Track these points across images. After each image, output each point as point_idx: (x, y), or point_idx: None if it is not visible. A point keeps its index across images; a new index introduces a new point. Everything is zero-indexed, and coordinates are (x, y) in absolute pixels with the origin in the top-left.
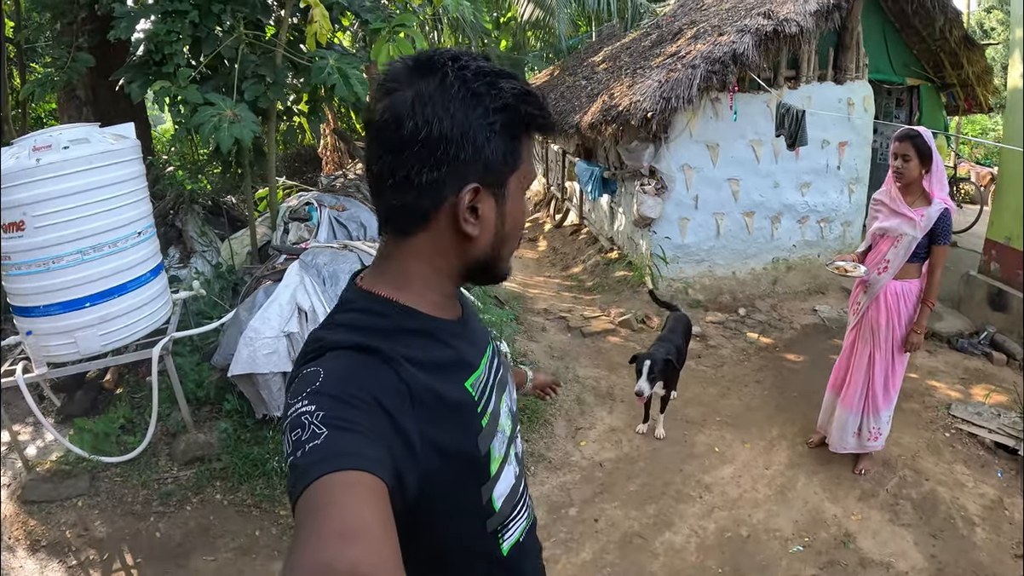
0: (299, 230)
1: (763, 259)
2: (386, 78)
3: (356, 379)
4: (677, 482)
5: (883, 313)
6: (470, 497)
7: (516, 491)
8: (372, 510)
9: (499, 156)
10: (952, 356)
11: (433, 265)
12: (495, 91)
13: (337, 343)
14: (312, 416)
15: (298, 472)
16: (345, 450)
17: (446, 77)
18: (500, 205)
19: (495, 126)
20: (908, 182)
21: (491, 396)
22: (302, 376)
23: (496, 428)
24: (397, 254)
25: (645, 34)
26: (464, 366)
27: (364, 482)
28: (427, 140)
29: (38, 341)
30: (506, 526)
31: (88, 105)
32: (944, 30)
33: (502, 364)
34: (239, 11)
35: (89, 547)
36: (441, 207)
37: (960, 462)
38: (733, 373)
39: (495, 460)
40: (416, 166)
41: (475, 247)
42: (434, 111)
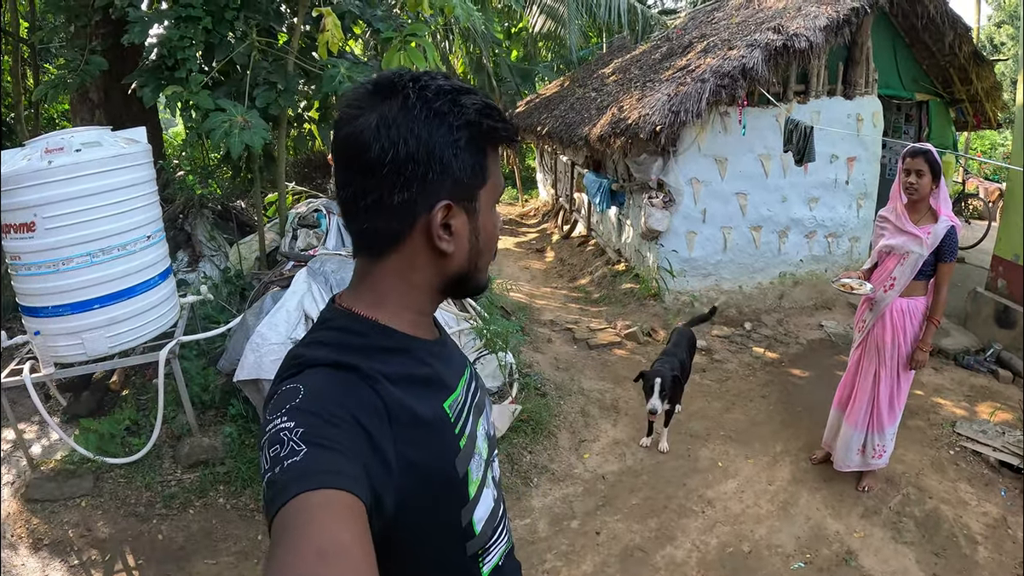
0: (308, 237)
1: (770, 273)
2: (348, 104)
3: (335, 397)
4: (680, 496)
5: (889, 331)
6: (449, 520)
7: (495, 515)
8: (350, 530)
9: (467, 171)
10: (958, 373)
11: (410, 283)
12: (457, 108)
13: (316, 360)
14: (291, 433)
15: (276, 489)
16: (324, 468)
17: (408, 99)
18: (472, 220)
19: (460, 142)
20: (920, 198)
21: (468, 418)
22: (281, 392)
23: (473, 450)
24: (373, 273)
25: (655, 47)
26: (442, 387)
27: (343, 501)
28: (394, 162)
29: (46, 341)
30: (487, 550)
31: (100, 108)
32: (954, 45)
33: (479, 388)
34: (252, 18)
35: (91, 547)
36: (414, 226)
37: (964, 480)
38: (738, 387)
39: (473, 483)
40: (386, 189)
41: (451, 263)
42: (399, 133)
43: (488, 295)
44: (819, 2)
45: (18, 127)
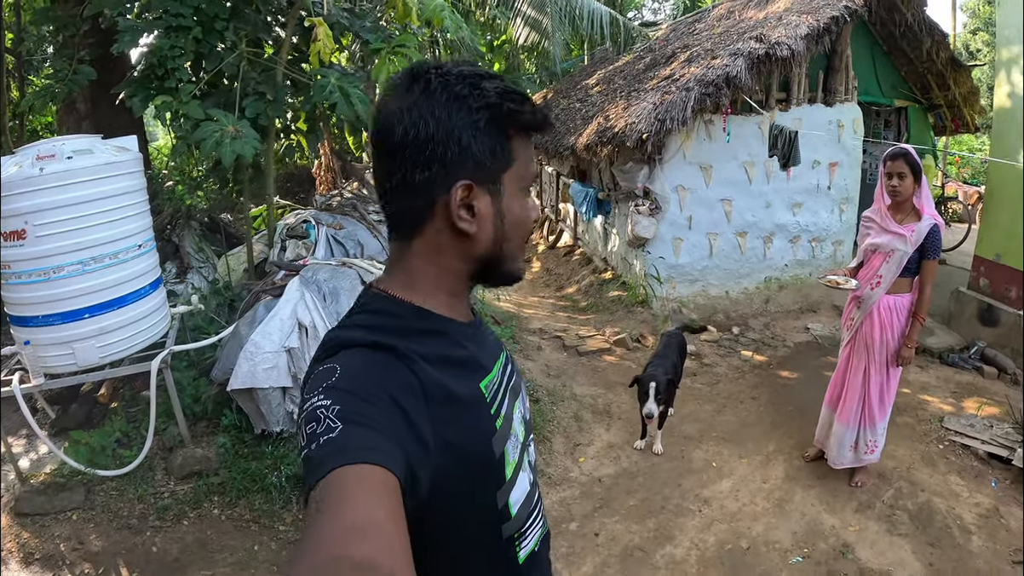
0: (296, 248)
1: (756, 278)
2: (384, 91)
3: (371, 376)
4: (676, 496)
5: (877, 327)
6: (485, 501)
7: (531, 499)
8: (384, 505)
9: (488, 153)
10: (943, 371)
11: (439, 265)
12: (477, 91)
13: (352, 341)
14: (327, 410)
15: (312, 464)
16: (359, 444)
17: (430, 83)
18: (496, 202)
19: (480, 124)
20: (903, 199)
21: (504, 400)
22: (318, 372)
23: (509, 432)
24: (405, 256)
25: (638, 58)
26: (477, 367)
27: (377, 476)
28: (415, 142)
29: (36, 351)
30: (523, 534)
31: (87, 119)
32: (931, 52)
33: (515, 372)
34: (241, 28)
35: (84, 561)
36: (435, 206)
37: (954, 473)
38: (728, 390)
39: (509, 464)
40: (408, 168)
41: (475, 245)
42: (420, 114)
43: (478, 303)
44: (800, 11)
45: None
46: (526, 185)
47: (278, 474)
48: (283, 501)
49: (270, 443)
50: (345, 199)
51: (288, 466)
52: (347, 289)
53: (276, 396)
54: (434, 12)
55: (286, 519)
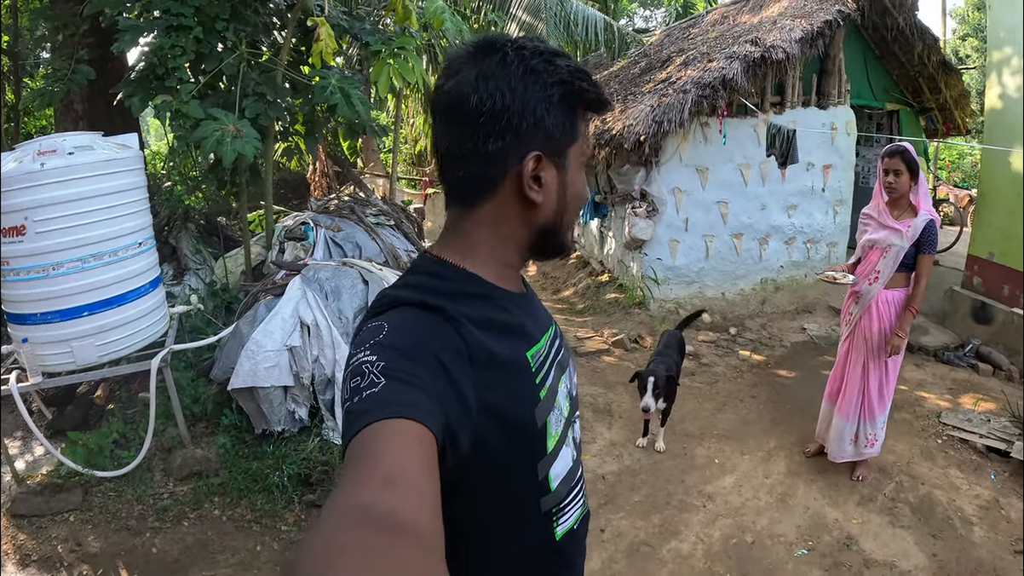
0: (295, 250)
1: (752, 280)
2: (449, 63)
3: (418, 334)
4: (680, 493)
5: (875, 321)
6: (525, 470)
7: (573, 475)
8: (418, 459)
9: (558, 127)
10: (939, 368)
11: (499, 233)
12: (552, 67)
13: (402, 299)
14: (372, 366)
15: (352, 417)
16: (400, 400)
17: (506, 56)
18: (561, 174)
19: (553, 98)
20: (900, 195)
21: (550, 372)
22: (367, 328)
23: (553, 404)
24: (464, 224)
25: (633, 62)
26: (525, 336)
27: (414, 431)
28: (491, 112)
29: (34, 350)
30: (562, 509)
31: (84, 119)
32: (922, 56)
33: (564, 347)
34: (242, 29)
35: (82, 562)
36: (506, 175)
37: (954, 466)
38: (727, 389)
39: (552, 437)
40: (481, 137)
41: (539, 214)
42: (496, 85)
43: None
44: (794, 15)
45: None
46: (586, 161)
47: (280, 474)
48: (285, 501)
49: (271, 443)
50: (343, 202)
51: (290, 466)
52: (349, 288)
53: (278, 395)
54: (434, 15)
55: (288, 519)
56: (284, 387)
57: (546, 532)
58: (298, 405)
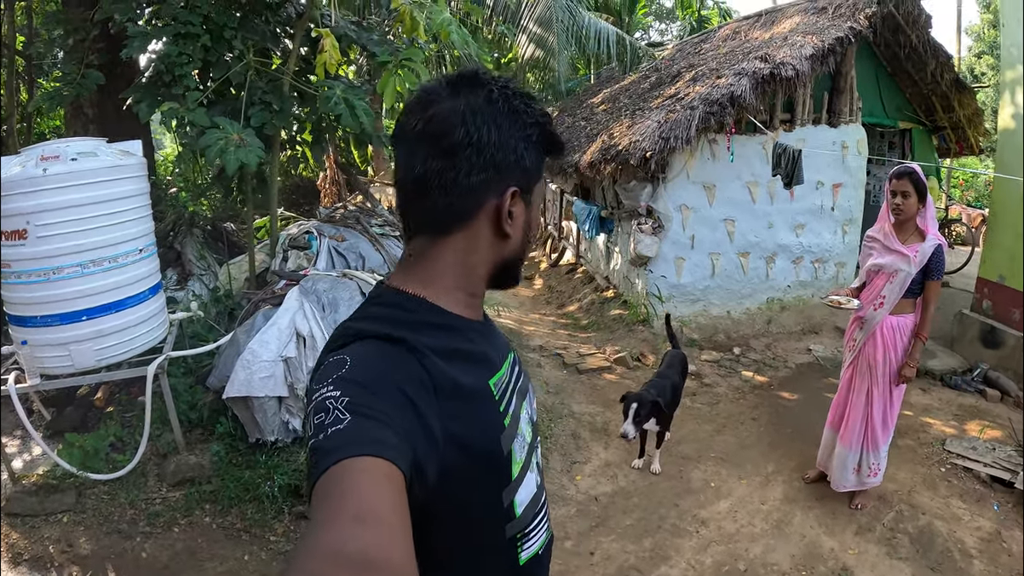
0: (298, 258)
1: (758, 299)
2: (426, 92)
3: (382, 368)
4: (673, 516)
5: (880, 348)
6: (491, 498)
7: (537, 500)
8: (388, 497)
9: (532, 166)
10: (946, 393)
11: (467, 263)
12: (531, 109)
13: (364, 332)
14: (337, 401)
15: (319, 455)
16: (367, 437)
17: (492, 93)
18: (527, 210)
19: (532, 138)
20: (907, 218)
21: (512, 399)
22: (329, 363)
23: (517, 431)
24: (432, 252)
25: (644, 77)
26: (487, 364)
27: (382, 469)
28: (477, 145)
29: (33, 352)
30: (527, 535)
31: (94, 123)
32: (936, 74)
33: (523, 373)
34: (249, 38)
35: (72, 563)
36: (483, 207)
37: (956, 496)
38: (728, 411)
39: (516, 463)
40: (464, 169)
41: (507, 247)
42: (484, 120)
43: None
44: (805, 32)
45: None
46: (541, 199)
47: (271, 484)
48: (275, 511)
49: (264, 452)
50: (348, 211)
51: (282, 476)
52: (346, 300)
53: (272, 405)
54: (441, 26)
55: (278, 530)
56: (279, 397)
57: (511, 558)
58: (292, 416)
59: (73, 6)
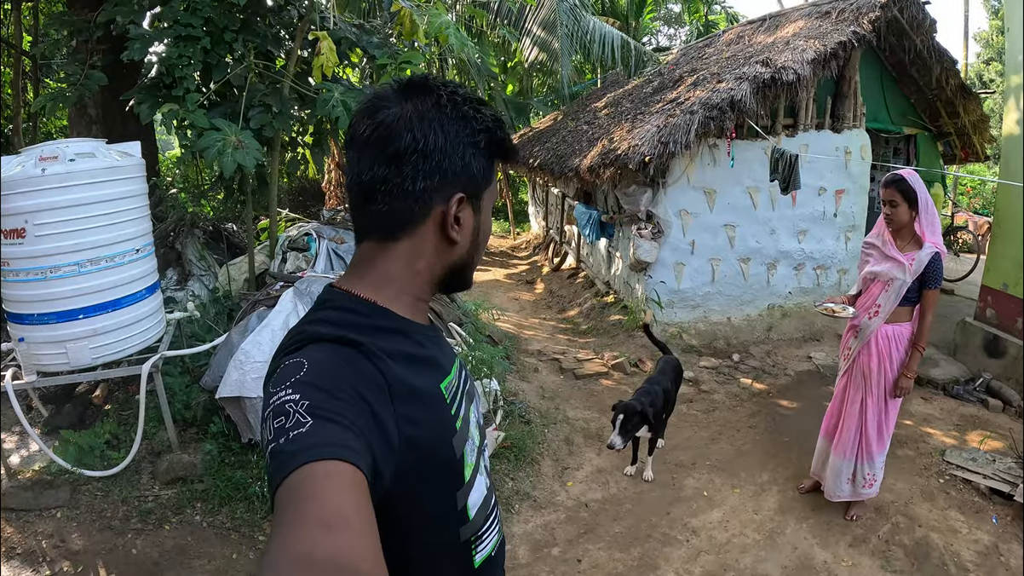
0: (297, 260)
1: (758, 305)
2: (376, 97)
3: (339, 371)
4: (663, 525)
5: (875, 357)
6: (444, 501)
7: (488, 503)
8: (353, 500)
9: (480, 171)
10: (947, 403)
11: (414, 268)
12: (479, 115)
13: (319, 335)
14: (296, 405)
15: (281, 459)
16: (328, 440)
17: (440, 99)
18: (476, 216)
19: (480, 144)
20: (898, 226)
21: (462, 402)
22: (285, 366)
23: (468, 434)
24: (380, 256)
25: (647, 81)
26: (438, 368)
27: (346, 472)
28: (423, 152)
29: (30, 349)
30: (479, 538)
31: (98, 123)
32: (941, 79)
33: (469, 377)
34: (250, 41)
35: (64, 559)
36: (430, 213)
37: (954, 508)
38: (725, 418)
39: (468, 466)
40: (410, 174)
41: (455, 252)
42: (431, 126)
43: (474, 322)
44: (807, 36)
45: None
46: (492, 204)
47: (261, 484)
48: (265, 511)
49: (256, 453)
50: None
51: None
52: None
53: None
54: (439, 29)
55: (266, 529)
56: None
57: (466, 561)
58: None
59: (78, 7)
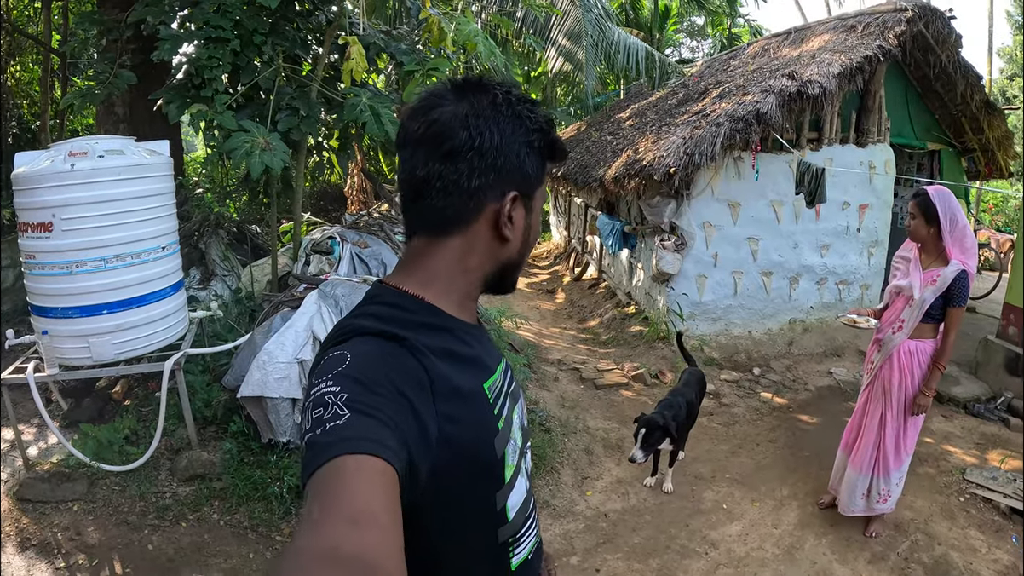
0: (320, 263)
1: (780, 319)
2: (431, 95)
3: (381, 365)
4: (682, 537)
5: (896, 372)
6: (484, 501)
7: (527, 504)
8: (382, 498)
9: (534, 171)
10: (968, 421)
11: (465, 265)
12: (533, 115)
13: (364, 329)
14: (336, 397)
15: (316, 449)
16: (365, 435)
17: (496, 98)
18: (528, 215)
19: (534, 143)
20: (917, 241)
21: (505, 402)
22: (329, 358)
23: (510, 435)
24: (431, 253)
25: (672, 93)
26: (482, 367)
27: (377, 468)
28: (480, 149)
29: (52, 342)
30: (518, 540)
31: (125, 122)
32: (966, 95)
33: (514, 378)
34: (279, 44)
35: (79, 551)
36: (483, 210)
37: (974, 527)
38: (745, 432)
39: (509, 467)
40: (466, 171)
41: (506, 251)
42: (487, 124)
43: (497, 329)
44: (833, 50)
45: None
46: (542, 204)
47: (280, 484)
48: (283, 512)
49: (276, 453)
50: (373, 219)
51: (291, 477)
52: None
53: (285, 406)
54: (467, 37)
55: (284, 530)
56: (292, 399)
57: (503, 562)
58: None
59: (108, 7)
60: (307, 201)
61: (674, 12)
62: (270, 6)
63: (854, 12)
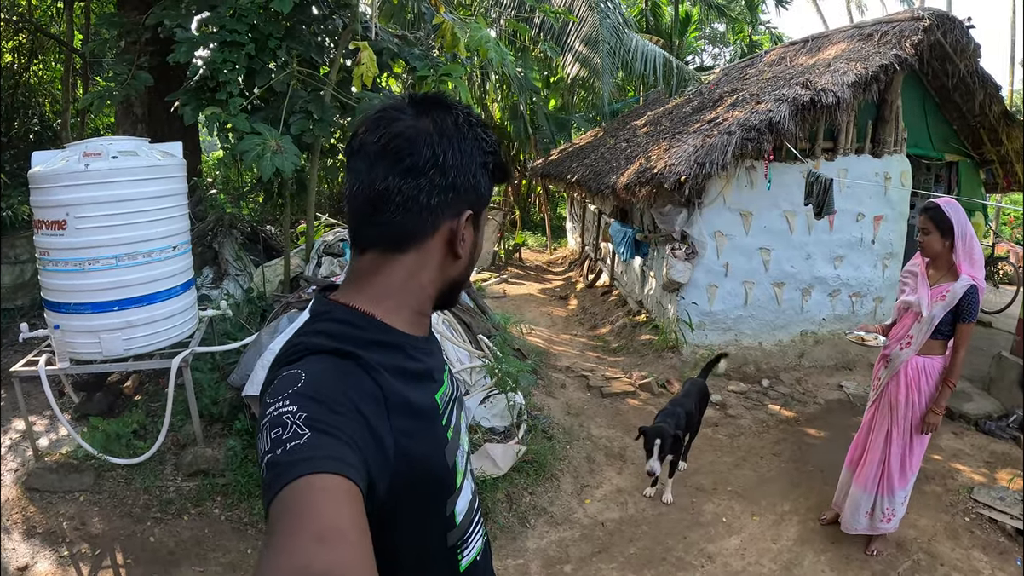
0: (331, 265)
1: (791, 331)
2: (390, 107)
3: (336, 384)
4: (679, 549)
5: (903, 389)
6: (435, 509)
7: (472, 507)
8: (349, 515)
9: (485, 191)
10: (978, 439)
11: (418, 281)
12: (488, 137)
13: (317, 347)
14: (294, 416)
15: (278, 470)
16: (326, 453)
17: (459, 118)
18: (476, 234)
19: (487, 165)
20: (930, 256)
21: (453, 410)
22: (282, 377)
23: (459, 442)
24: (382, 269)
25: (687, 100)
26: (432, 380)
27: (342, 487)
28: (442, 167)
29: (64, 336)
30: (465, 542)
31: (143, 123)
32: (984, 105)
33: (456, 382)
34: (294, 48)
35: (83, 540)
36: (439, 228)
37: (978, 548)
38: (750, 444)
39: (459, 473)
40: (427, 188)
41: (456, 268)
42: (450, 143)
43: (503, 335)
44: (849, 59)
45: (63, 134)
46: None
47: None
48: None
49: None
50: None
51: None
52: None
53: None
54: (479, 43)
55: None
56: None
57: (452, 565)
58: None
59: (127, 9)
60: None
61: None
62: (284, 11)
63: (872, 20)
